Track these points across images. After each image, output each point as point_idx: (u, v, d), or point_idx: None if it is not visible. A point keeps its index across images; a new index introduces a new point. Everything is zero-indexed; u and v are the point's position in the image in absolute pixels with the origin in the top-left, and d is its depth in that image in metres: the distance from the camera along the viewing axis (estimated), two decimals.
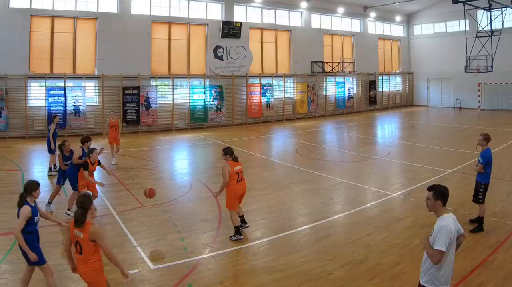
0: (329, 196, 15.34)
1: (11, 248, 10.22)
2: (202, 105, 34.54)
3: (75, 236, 6.97)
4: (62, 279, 8.97)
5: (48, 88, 29.04)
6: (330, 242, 11.04)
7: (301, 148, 25.66)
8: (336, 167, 20.73)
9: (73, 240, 7.05)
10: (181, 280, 8.98)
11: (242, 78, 36.90)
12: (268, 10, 39.00)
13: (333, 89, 43.45)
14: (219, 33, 35.66)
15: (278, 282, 8.95)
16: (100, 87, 30.85)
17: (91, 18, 30.76)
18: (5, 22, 27.53)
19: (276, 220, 12.65)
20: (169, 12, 33.86)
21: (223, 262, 9.93)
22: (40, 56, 29.30)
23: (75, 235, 6.98)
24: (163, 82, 33.96)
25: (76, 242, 6.98)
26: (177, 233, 11.41)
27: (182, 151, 26.72)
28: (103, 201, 14.47)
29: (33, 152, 24.91)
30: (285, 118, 39.31)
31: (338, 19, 44.20)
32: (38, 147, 25.51)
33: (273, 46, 39.53)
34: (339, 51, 44.20)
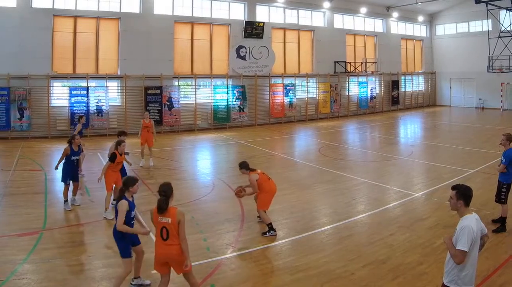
0: (352, 196, 14.80)
1: (34, 248, 9.94)
2: (225, 105, 33.21)
3: (162, 223, 7.24)
4: (86, 279, 8.73)
5: (70, 88, 27.91)
6: (353, 242, 10.70)
7: (323, 147, 24.59)
8: (358, 166, 19.93)
9: (159, 227, 7.27)
10: (204, 280, 8.66)
11: (264, 78, 35.43)
12: (291, 10, 37.42)
13: (356, 89, 41.67)
14: (242, 33, 34.24)
15: (301, 282, 8.66)
16: (123, 87, 29.67)
17: (114, 18, 29.56)
18: (28, 22, 26.46)
19: (298, 220, 12.24)
20: (191, 12, 32.54)
21: (245, 262, 9.60)
22: (63, 56, 28.15)
23: (161, 222, 7.24)
24: (185, 82, 32.63)
25: (162, 228, 7.24)
26: (199, 233, 11.00)
27: (205, 151, 25.71)
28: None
29: (56, 152, 23.42)
30: (307, 118, 37.74)
31: (361, 19, 42.42)
32: (61, 147, 23.81)
33: (295, 46, 37.91)
34: (361, 51, 42.41)
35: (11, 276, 8.63)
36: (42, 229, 11.25)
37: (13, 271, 8.83)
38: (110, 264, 9.37)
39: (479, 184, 15.65)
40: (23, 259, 9.42)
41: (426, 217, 12.44)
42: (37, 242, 10.12)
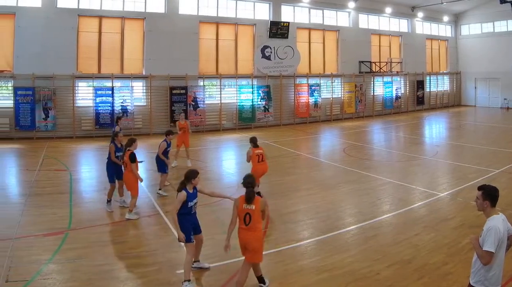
0: (377, 196, 14.27)
1: (59, 248, 9.70)
2: (250, 105, 31.58)
3: (245, 209, 7.66)
4: (111, 279, 8.46)
5: (95, 88, 26.58)
6: (378, 242, 10.31)
7: (348, 147, 23.48)
8: (383, 166, 19.10)
9: (242, 214, 7.68)
10: (229, 280, 8.45)
11: (289, 78, 33.69)
12: (316, 10, 35.50)
13: (381, 89, 39.63)
14: (267, 33, 32.50)
15: (326, 282, 8.40)
16: (148, 87, 28.21)
17: (139, 18, 28.13)
18: (53, 22, 25.21)
19: (323, 220, 11.84)
20: (216, 12, 30.94)
21: (271, 262, 9.18)
22: (88, 56, 26.80)
23: (245, 209, 7.67)
24: (210, 82, 31.08)
25: (246, 215, 7.64)
26: (224, 233, 9.35)
27: (230, 150, 24.53)
28: (151, 200, 13.73)
29: (81, 152, 23.01)
30: (332, 118, 35.87)
31: (386, 19, 40.26)
32: (86, 147, 23.71)
33: (320, 46, 35.98)
34: (386, 51, 40.22)
35: (36, 276, 8.37)
36: (67, 229, 10.91)
37: (38, 271, 8.57)
38: (135, 264, 9.10)
39: (504, 184, 15.14)
40: (48, 259, 9.16)
41: (451, 217, 12.00)
42: (62, 242, 9.92)
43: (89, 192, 14.74)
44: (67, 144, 24.28)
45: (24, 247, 9.78)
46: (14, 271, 8.55)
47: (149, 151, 21.03)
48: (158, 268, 8.71)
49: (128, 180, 11.95)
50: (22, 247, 9.83)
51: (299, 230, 11.30)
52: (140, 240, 10.61)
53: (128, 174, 11.90)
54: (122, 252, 9.73)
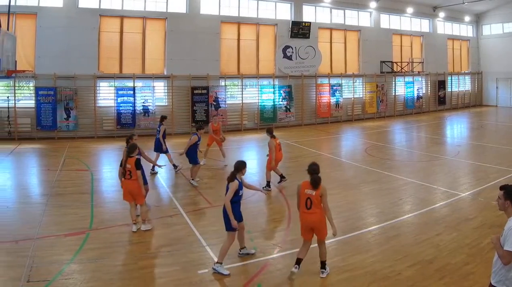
0: (398, 196, 13.76)
1: (80, 248, 9.40)
2: (271, 105, 30.04)
3: (307, 194, 8.13)
4: (132, 279, 8.15)
5: (117, 88, 25.32)
6: (399, 242, 9.95)
7: (370, 147, 22.46)
8: (405, 167, 18.38)
9: (304, 198, 8.14)
10: (251, 280, 8.19)
11: (311, 78, 32.00)
12: (337, 10, 33.75)
13: (402, 89, 37.64)
14: (288, 33, 30.91)
15: (347, 282, 8.12)
16: (169, 87, 26.92)
17: (160, 18, 26.80)
18: (74, 22, 24.04)
19: (345, 220, 11.30)
20: (238, 12, 29.47)
21: (292, 262, 8.55)
22: (109, 56, 25.56)
23: (307, 193, 8.14)
24: (232, 82, 29.60)
25: (307, 199, 8.10)
26: (246, 233, 9.82)
27: (251, 150, 23.30)
28: (172, 201, 13.25)
29: (102, 152, 22.12)
30: (354, 118, 34.10)
31: (407, 19, 38.23)
32: (107, 147, 22.68)
33: (342, 46, 34.20)
34: (408, 51, 38.21)
35: (57, 276, 8.09)
36: (88, 229, 10.57)
37: (60, 271, 8.29)
38: (157, 264, 8.85)
39: None
40: (69, 259, 8.90)
41: (472, 217, 11.61)
42: (84, 242, 9.64)
43: (111, 192, 14.05)
44: (88, 144, 23.33)
45: (46, 247, 9.43)
46: (36, 271, 8.25)
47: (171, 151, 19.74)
48: (180, 268, 8.46)
49: (134, 189, 10.56)
50: (44, 247, 9.47)
51: None
52: (162, 240, 10.14)
53: (134, 183, 10.53)
54: (144, 252, 9.43)
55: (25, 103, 24.03)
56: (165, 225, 11.15)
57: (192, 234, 10.41)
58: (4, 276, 8.08)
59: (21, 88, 24.10)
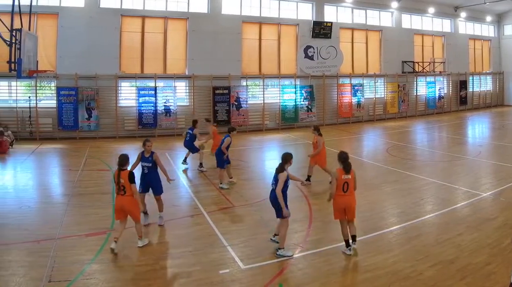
0: (420, 196, 13.02)
1: (102, 248, 8.96)
2: (293, 105, 28.34)
3: (344, 179, 8.55)
4: (153, 279, 7.74)
5: (138, 88, 23.94)
6: (421, 242, 9.44)
7: (391, 147, 21.23)
8: (426, 166, 17.36)
9: (342, 183, 8.52)
10: (272, 280, 7.73)
11: (332, 78, 30.17)
12: (359, 10, 31.84)
13: (424, 89, 35.55)
14: (310, 33, 29.16)
15: (369, 282, 7.60)
16: (191, 87, 25.42)
17: (182, 18, 25.32)
18: (96, 22, 22.74)
19: (366, 220, 10.74)
20: (259, 12, 27.84)
21: (313, 262, 8.48)
22: (131, 56, 24.19)
23: (344, 179, 8.55)
24: (253, 82, 27.92)
25: (344, 183, 8.52)
26: (268, 233, 9.71)
27: (273, 150, 21.75)
28: (194, 201, 12.52)
29: (124, 152, 20.05)
30: (375, 118, 32.16)
31: (429, 19, 36.01)
32: (129, 147, 21.13)
33: (363, 46, 32.27)
34: (429, 51, 35.98)
35: (79, 276, 7.73)
36: (109, 229, 10.02)
37: (81, 271, 7.92)
38: (178, 264, 8.39)
39: None
40: (91, 259, 8.51)
41: (494, 217, 11.00)
42: (105, 242, 9.21)
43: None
44: (109, 144, 22.10)
45: (67, 247, 8.99)
46: (57, 271, 7.85)
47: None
48: (201, 268, 8.09)
49: (130, 205, 8.90)
50: (65, 247, 9.02)
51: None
52: (183, 240, 9.61)
53: (129, 199, 8.89)
54: (165, 252, 9.04)
55: (46, 103, 22.78)
56: (186, 225, 10.64)
57: (213, 234, 9.88)
58: (26, 276, 7.69)
59: (42, 88, 22.82)
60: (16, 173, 16.00)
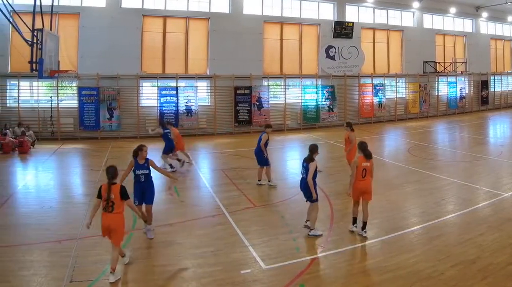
0: (441, 196, 12.13)
1: (123, 248, 7.90)
2: (314, 105, 26.37)
3: (363, 166, 8.78)
4: (175, 279, 7.24)
5: (160, 88, 22.36)
6: (442, 242, 8.66)
7: (413, 147, 19.84)
8: (447, 166, 16.14)
9: (361, 169, 8.76)
10: (293, 280, 7.14)
11: (354, 78, 28.11)
12: (380, 10, 29.67)
13: (445, 89, 33.08)
14: (331, 33, 27.13)
15: (390, 282, 7.06)
16: (212, 87, 23.69)
17: (203, 18, 23.63)
18: (117, 22, 21.23)
19: (388, 220, 10.06)
20: (281, 12, 25.96)
21: (335, 262, 7.85)
22: (152, 56, 22.58)
23: (363, 165, 8.78)
24: (275, 82, 26.09)
25: (363, 170, 8.78)
26: (289, 233, 9.19)
27: (294, 151, 20.13)
28: (215, 200, 11.70)
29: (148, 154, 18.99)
30: (397, 118, 29.89)
31: (450, 19, 33.52)
32: (150, 147, 19.20)
33: (385, 46, 30.01)
34: (451, 51, 33.47)
35: (100, 276, 7.16)
36: (131, 229, 9.34)
37: (103, 271, 7.31)
38: (199, 264, 7.76)
39: None
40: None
41: None
42: (127, 242, 8.58)
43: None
44: (131, 144, 19.94)
45: (89, 247, 8.40)
46: (79, 271, 7.38)
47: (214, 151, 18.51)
48: (222, 268, 7.58)
49: (116, 224, 7.20)
50: (87, 247, 8.43)
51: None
52: (204, 240, 8.96)
53: (117, 217, 7.20)
54: (186, 252, 8.39)
55: (68, 103, 21.35)
56: (208, 225, 9.89)
57: (235, 234, 9.24)
58: (47, 276, 7.22)
59: (64, 88, 21.46)
60: (37, 173, 14.88)
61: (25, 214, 10.34)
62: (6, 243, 8.54)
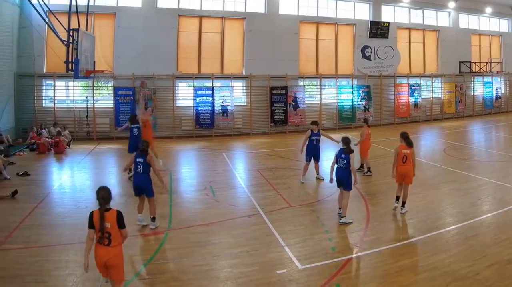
0: (477, 196, 10.47)
1: (159, 248, 7.36)
2: (350, 105, 22.90)
3: (403, 153, 8.84)
4: (210, 279, 6.37)
5: (195, 88, 19.54)
6: (478, 242, 7.54)
7: (448, 147, 17.43)
8: (483, 167, 14.21)
9: (401, 156, 8.87)
10: (329, 280, 6.29)
11: (390, 78, 24.34)
12: (416, 10, 25.90)
13: (481, 89, 28.73)
14: (367, 33, 23.52)
15: (426, 282, 6.23)
16: (248, 87, 20.64)
17: (239, 18, 20.64)
18: (153, 22, 18.55)
19: (423, 220, 8.66)
20: (317, 12, 22.69)
21: (371, 262, 6.86)
22: (188, 56, 19.66)
23: (403, 152, 8.86)
24: (310, 82, 22.75)
25: (404, 156, 8.83)
26: (324, 233, 8.03)
27: (330, 151, 16.67)
28: (251, 200, 10.15)
29: (181, 152, 17.00)
30: (432, 118, 25.98)
31: (486, 19, 29.16)
32: (186, 147, 17.65)
33: (420, 46, 26.04)
34: (486, 51, 29.06)
35: (136, 276, 6.31)
36: (167, 229, 8.21)
37: (138, 271, 6.50)
38: (235, 264, 6.80)
39: None
40: (148, 259, 6.90)
41: None
42: (162, 242, 7.59)
43: (189, 192, 11.11)
44: (167, 144, 17.95)
45: (124, 248, 6.06)
46: None
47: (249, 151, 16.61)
48: (259, 268, 6.59)
49: (116, 259, 5.19)
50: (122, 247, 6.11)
51: (399, 230, 8.43)
52: (240, 240, 7.75)
53: (116, 251, 5.19)
54: (222, 252, 7.22)
55: (103, 103, 18.78)
56: (243, 225, 8.72)
57: (271, 234, 8.16)
58: (83, 276, 6.18)
59: (99, 88, 19.00)
60: (73, 173, 13.12)
61: (60, 214, 9.17)
62: (42, 243, 7.53)
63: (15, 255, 6.97)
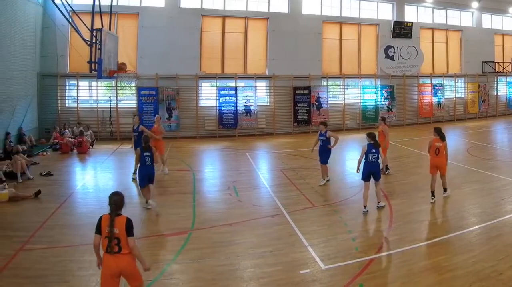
0: (500, 196, 9.30)
1: (182, 248, 6.66)
2: (373, 105, 20.66)
3: (436, 145, 8.66)
4: (234, 279, 5.82)
5: (219, 89, 17.70)
6: (501, 242, 6.75)
7: (472, 147, 15.86)
8: (507, 167, 12.55)
9: (434, 148, 8.67)
10: (352, 280, 5.69)
11: (413, 78, 21.97)
12: (439, 10, 23.43)
13: (504, 89, 25.91)
14: (390, 33, 21.22)
15: (449, 282, 5.58)
16: (271, 87, 18.67)
17: (262, 18, 18.73)
18: (176, 22, 16.80)
19: (447, 220, 7.95)
20: (340, 12, 20.55)
21: (394, 262, 6.25)
22: (211, 56, 17.81)
23: (436, 145, 8.64)
24: (334, 82, 20.67)
25: (436, 149, 8.65)
26: (348, 233, 7.31)
27: (353, 150, 15.63)
28: (274, 200, 9.16)
29: (204, 152, 15.60)
30: (456, 118, 23.43)
31: (509, 19, 26.27)
32: (209, 147, 16.12)
33: (444, 46, 23.51)
34: (510, 51, 26.01)
35: (159, 276, 5.76)
36: (190, 229, 7.46)
37: (162, 271, 5.89)
38: (259, 264, 6.21)
39: None
40: (171, 259, 6.33)
41: None
42: (186, 242, 6.91)
43: (213, 192, 10.19)
44: (190, 144, 16.33)
45: (147, 247, 6.52)
46: None
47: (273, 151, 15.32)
48: (282, 268, 6.00)
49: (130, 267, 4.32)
50: (145, 247, 6.45)
51: (423, 230, 7.55)
52: (263, 240, 6.99)
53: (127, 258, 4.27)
54: (245, 252, 6.60)
55: (127, 103, 17.14)
56: (267, 225, 7.75)
57: (294, 234, 7.28)
58: None
59: (123, 88, 17.42)
60: (96, 173, 12.09)
61: (84, 214, 8.38)
62: (65, 243, 6.91)
63: (38, 255, 6.41)
